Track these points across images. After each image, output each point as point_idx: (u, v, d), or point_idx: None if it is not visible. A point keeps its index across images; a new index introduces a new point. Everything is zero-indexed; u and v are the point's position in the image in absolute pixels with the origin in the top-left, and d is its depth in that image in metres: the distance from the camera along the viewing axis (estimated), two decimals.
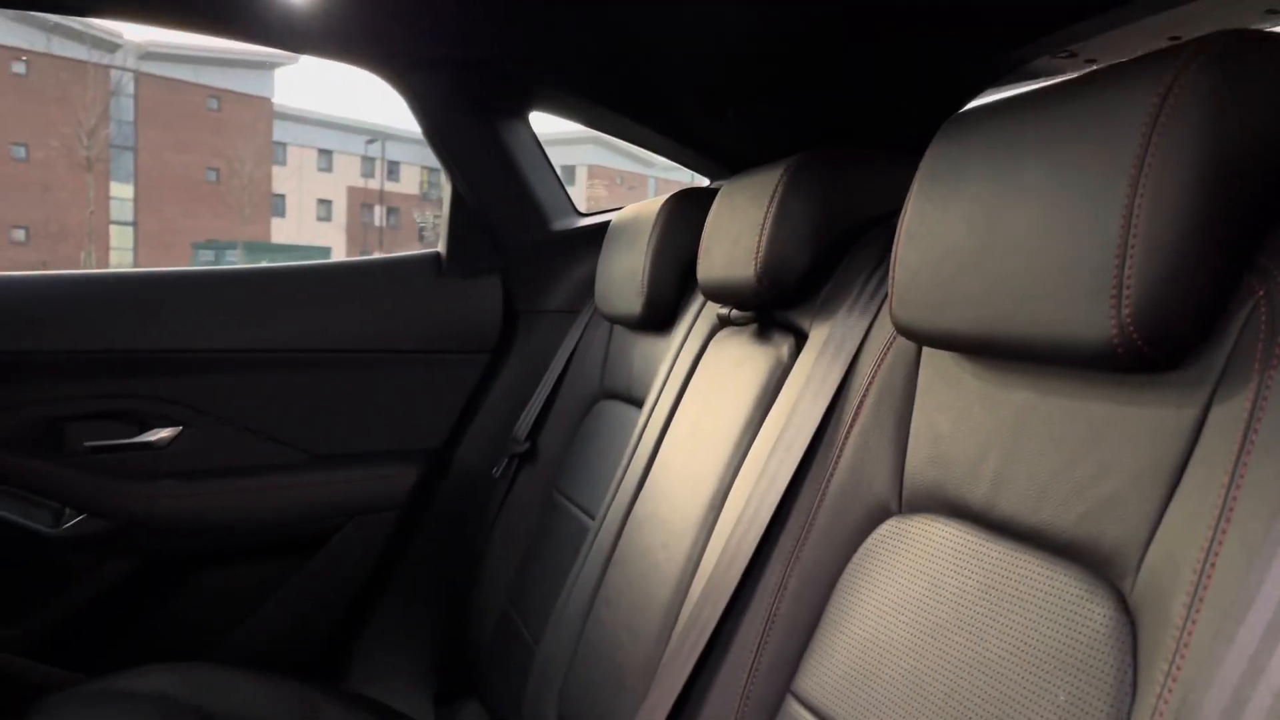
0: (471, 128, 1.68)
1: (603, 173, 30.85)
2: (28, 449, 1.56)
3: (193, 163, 27.73)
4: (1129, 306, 0.54)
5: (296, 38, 1.45)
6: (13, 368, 1.55)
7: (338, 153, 32.88)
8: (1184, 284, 0.53)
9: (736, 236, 1.04)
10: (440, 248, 1.81)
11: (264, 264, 1.75)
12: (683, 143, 1.61)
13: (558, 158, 1.85)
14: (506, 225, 1.77)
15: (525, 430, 1.63)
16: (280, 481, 1.67)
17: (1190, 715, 0.44)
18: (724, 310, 1.12)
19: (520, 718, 1.25)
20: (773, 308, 1.06)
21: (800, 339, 1.01)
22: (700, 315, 1.26)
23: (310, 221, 32.16)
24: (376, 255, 1.82)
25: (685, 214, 1.32)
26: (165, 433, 1.63)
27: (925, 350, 0.80)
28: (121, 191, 26.69)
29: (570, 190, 1.85)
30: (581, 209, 1.88)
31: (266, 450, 1.68)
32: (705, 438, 1.07)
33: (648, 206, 1.41)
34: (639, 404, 1.38)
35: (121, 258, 26.33)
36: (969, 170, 0.69)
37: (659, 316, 1.35)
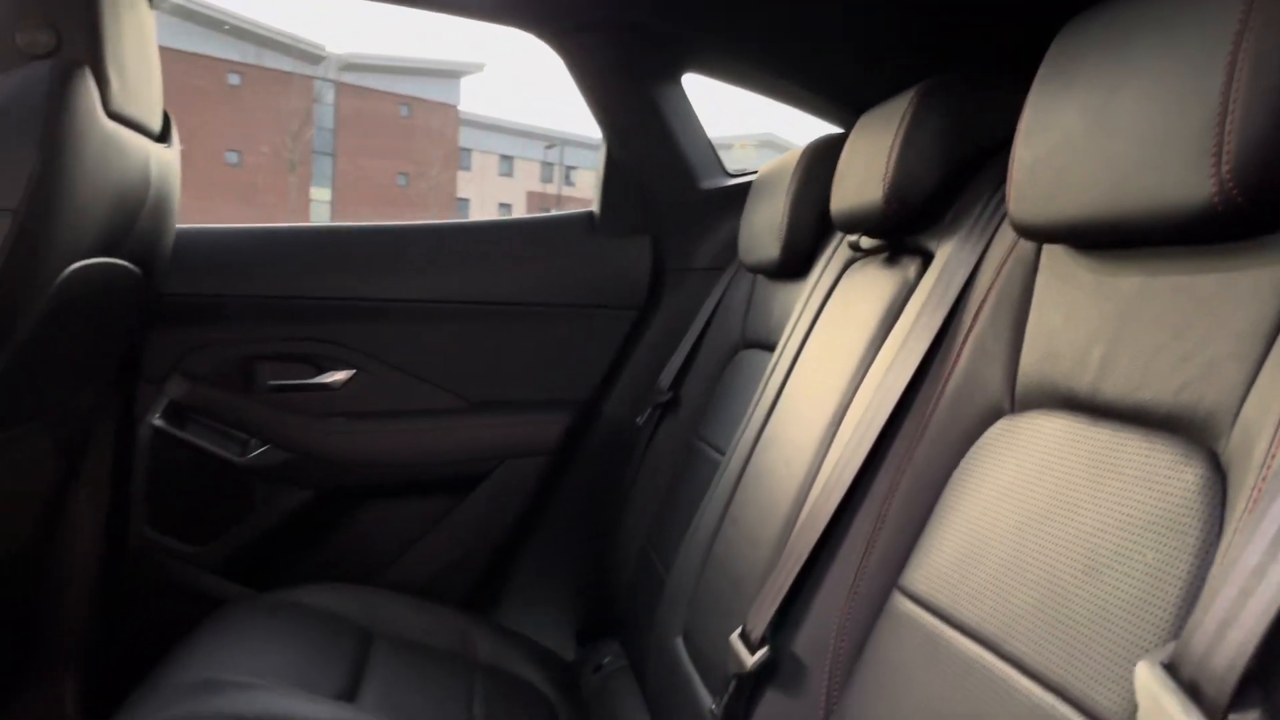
0: (626, 89, 1.75)
1: None
2: (222, 385, 1.73)
3: (384, 167, 29.27)
4: (1229, 163, 0.54)
5: (464, 1, 1.55)
6: (212, 311, 1.72)
7: (518, 158, 34.03)
8: None
9: (867, 161, 1.06)
10: (594, 207, 1.89)
11: (430, 221, 1.87)
12: (828, 97, 1.63)
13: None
14: (657, 185, 1.83)
15: (669, 381, 1.68)
16: (440, 424, 1.78)
17: (1256, 528, 0.44)
18: (854, 238, 1.14)
19: (651, 641, 1.30)
20: (901, 232, 1.07)
21: (926, 260, 1.02)
22: (835, 255, 1.28)
23: None
24: (533, 214, 1.95)
25: (824, 160, 1.34)
26: (340, 375, 1.77)
27: (1044, 254, 0.80)
28: (320, 195, 28.47)
29: None
30: None
31: (428, 395, 1.79)
32: (831, 360, 1.09)
33: (789, 157, 1.44)
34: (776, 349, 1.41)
35: None
36: (1084, 62, 0.69)
37: (796, 261, 1.37)
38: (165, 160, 1.41)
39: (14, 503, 1.41)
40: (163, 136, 1.43)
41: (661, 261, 1.85)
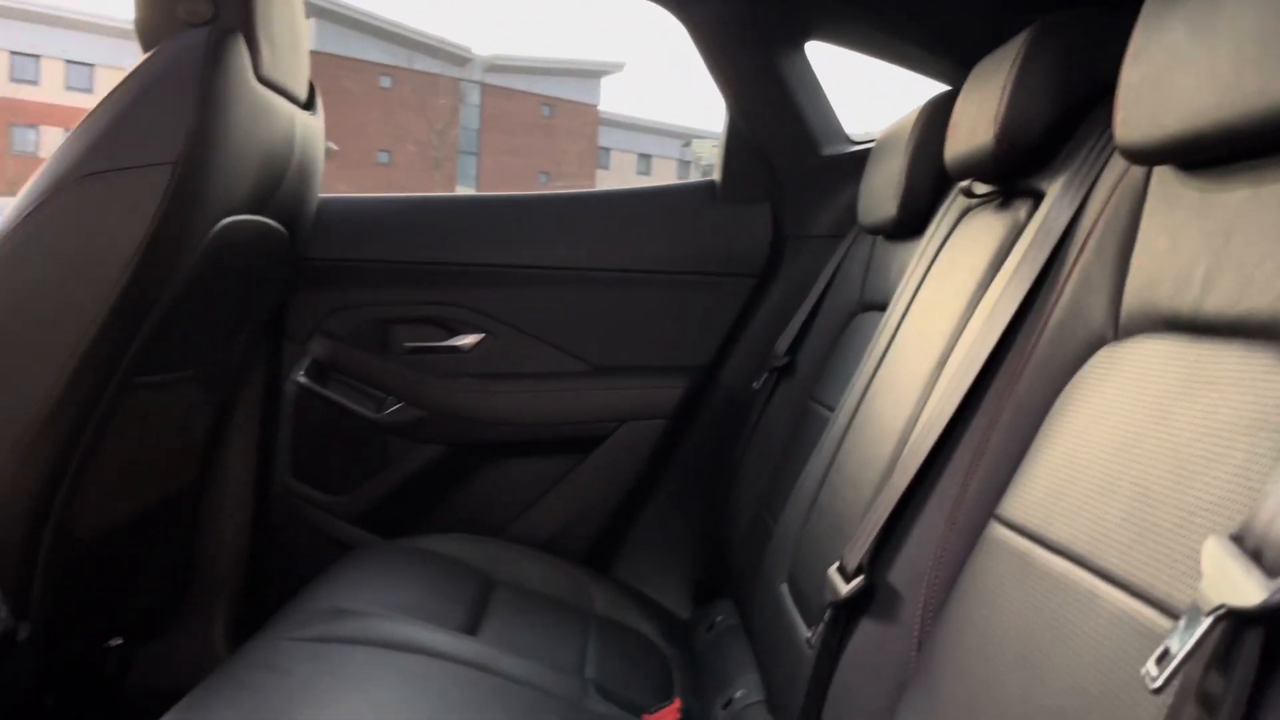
0: (749, 56, 1.77)
1: None
2: (360, 345, 1.83)
3: (526, 166, 29.96)
4: None
5: None
6: (352, 275, 1.82)
7: (655, 157, 34.26)
8: None
9: (979, 105, 1.05)
10: (715, 175, 1.91)
11: (557, 191, 1.93)
12: (946, 57, 1.61)
13: None
14: (778, 152, 1.84)
15: (785, 346, 1.69)
16: (563, 387, 1.84)
17: None
18: (966, 184, 1.13)
19: (758, 591, 1.32)
20: (1013, 175, 1.06)
21: (1038, 201, 1.00)
22: (950, 208, 1.27)
23: None
24: (655, 184, 2.01)
25: (942, 115, 1.32)
26: (470, 339, 1.85)
27: (1152, 181, 0.78)
28: (464, 193, 29.30)
29: None
30: None
31: (552, 358, 1.85)
32: (940, 307, 1.09)
33: (909, 116, 1.43)
34: None
35: None
36: None
37: (914, 218, 1.36)
38: (310, 126, 1.51)
39: (175, 446, 1.54)
40: (308, 104, 1.52)
41: (781, 229, 1.86)
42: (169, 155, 1.14)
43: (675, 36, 1.73)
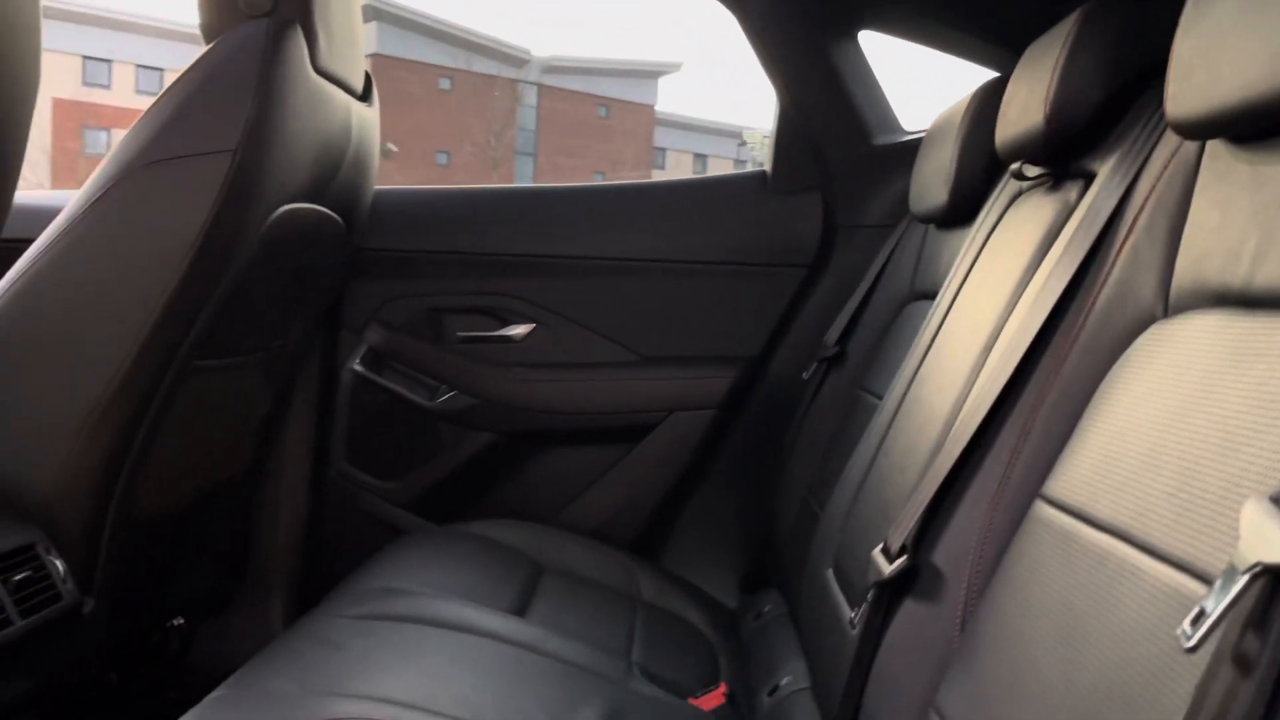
0: (800, 45, 1.76)
1: None
2: (414, 335, 1.86)
3: (581, 167, 30.03)
4: None
5: None
6: (406, 265, 1.85)
7: (711, 156, 34.15)
8: None
9: (1030, 86, 1.04)
10: (766, 166, 1.91)
11: (607, 182, 1.94)
12: (998, 44, 1.59)
13: None
14: (830, 143, 1.83)
15: (835, 336, 1.69)
16: (612, 376, 1.86)
17: None
18: (1016, 166, 1.11)
19: (804, 578, 1.32)
20: (1064, 157, 1.04)
21: (1089, 182, 0.99)
22: (1001, 194, 1.26)
23: None
24: (706, 174, 2.02)
25: (992, 101, 1.31)
26: (521, 329, 1.87)
27: (1204, 157, 0.77)
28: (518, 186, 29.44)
29: None
30: None
31: (602, 348, 1.87)
32: (989, 291, 1.08)
33: (960, 103, 1.42)
34: None
35: None
36: None
37: (964, 205, 1.35)
38: (365, 118, 1.54)
39: (234, 430, 1.57)
40: (364, 96, 1.55)
41: (832, 219, 1.86)
42: (229, 143, 1.17)
43: (730, 33, 1.73)
